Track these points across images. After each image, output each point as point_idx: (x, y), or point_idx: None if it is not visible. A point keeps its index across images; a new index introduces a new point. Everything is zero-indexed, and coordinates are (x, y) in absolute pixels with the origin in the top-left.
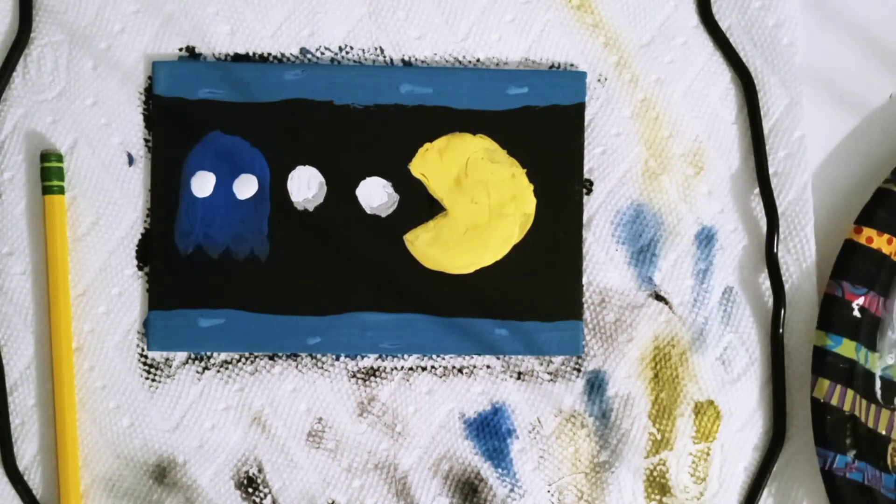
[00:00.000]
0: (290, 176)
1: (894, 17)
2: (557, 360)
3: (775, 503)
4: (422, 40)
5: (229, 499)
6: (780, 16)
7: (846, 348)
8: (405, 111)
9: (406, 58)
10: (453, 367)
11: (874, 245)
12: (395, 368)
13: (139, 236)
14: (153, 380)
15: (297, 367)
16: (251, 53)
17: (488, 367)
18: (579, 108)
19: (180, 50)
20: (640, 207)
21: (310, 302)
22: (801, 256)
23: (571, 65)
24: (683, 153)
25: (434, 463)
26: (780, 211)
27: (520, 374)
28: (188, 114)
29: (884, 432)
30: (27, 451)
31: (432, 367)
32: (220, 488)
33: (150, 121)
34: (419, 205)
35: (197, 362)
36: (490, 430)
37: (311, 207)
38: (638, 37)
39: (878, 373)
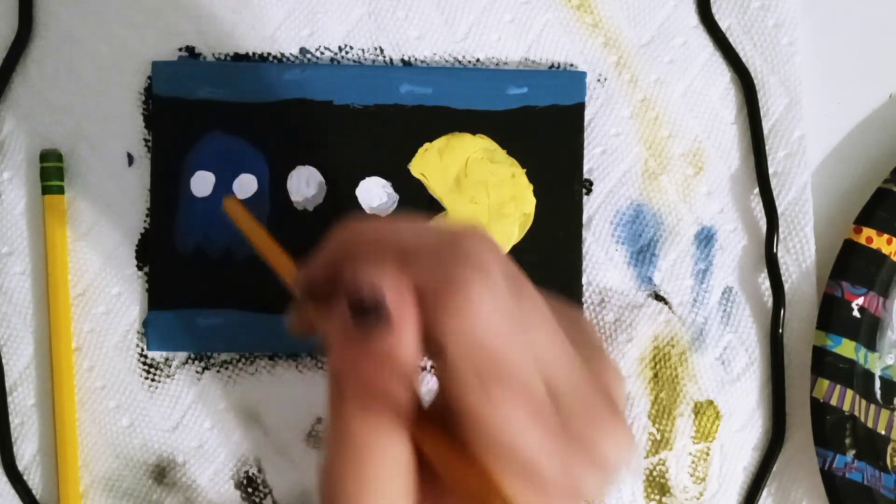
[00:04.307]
0: (289, 176)
1: (894, 17)
2: None
3: (775, 503)
4: (421, 40)
5: (229, 499)
6: (780, 16)
7: (846, 348)
8: (405, 111)
9: (406, 58)
10: None
11: (874, 245)
12: None
13: (139, 236)
14: (153, 380)
15: (296, 367)
16: (251, 53)
17: None
18: (579, 108)
19: (180, 50)
20: (639, 207)
21: None
22: (801, 256)
23: (571, 65)
24: (683, 153)
25: None
26: (779, 211)
27: None
28: (188, 114)
29: (883, 432)
30: (27, 451)
31: (432, 366)
32: (220, 488)
33: (150, 121)
34: (419, 205)
35: (197, 362)
36: None
37: (310, 207)
38: (638, 37)
39: (877, 373)
